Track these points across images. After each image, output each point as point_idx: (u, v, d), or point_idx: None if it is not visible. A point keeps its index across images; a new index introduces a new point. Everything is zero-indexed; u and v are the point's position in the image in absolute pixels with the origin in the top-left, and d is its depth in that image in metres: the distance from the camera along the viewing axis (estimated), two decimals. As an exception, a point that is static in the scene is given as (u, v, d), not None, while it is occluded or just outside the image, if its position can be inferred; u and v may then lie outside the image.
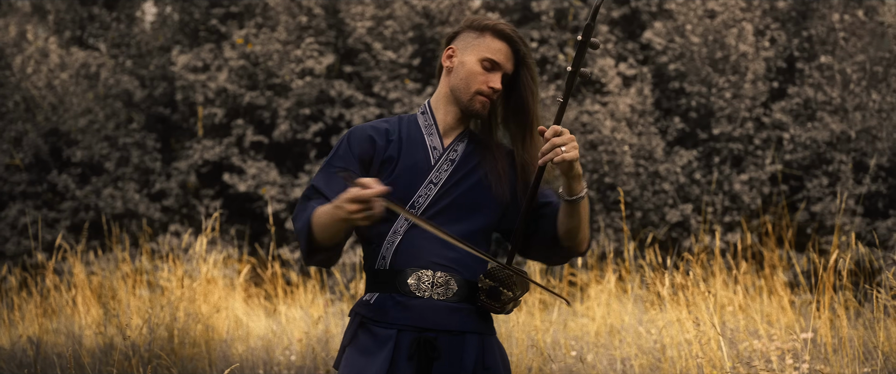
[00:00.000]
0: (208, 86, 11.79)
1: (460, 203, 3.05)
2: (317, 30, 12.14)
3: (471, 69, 3.04)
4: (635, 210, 10.49)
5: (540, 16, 11.61)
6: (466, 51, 3.06)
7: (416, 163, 3.05)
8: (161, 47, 12.54)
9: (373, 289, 3.05)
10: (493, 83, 3.03)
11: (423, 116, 3.11)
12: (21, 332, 8.29)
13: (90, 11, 13.33)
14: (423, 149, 3.07)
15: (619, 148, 10.33)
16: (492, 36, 3.05)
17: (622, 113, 10.51)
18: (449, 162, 3.06)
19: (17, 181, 12.17)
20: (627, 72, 11.08)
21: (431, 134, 3.08)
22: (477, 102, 3.04)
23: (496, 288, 2.98)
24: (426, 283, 3.00)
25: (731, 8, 10.75)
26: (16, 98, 12.44)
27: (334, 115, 11.89)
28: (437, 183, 3.04)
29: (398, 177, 3.03)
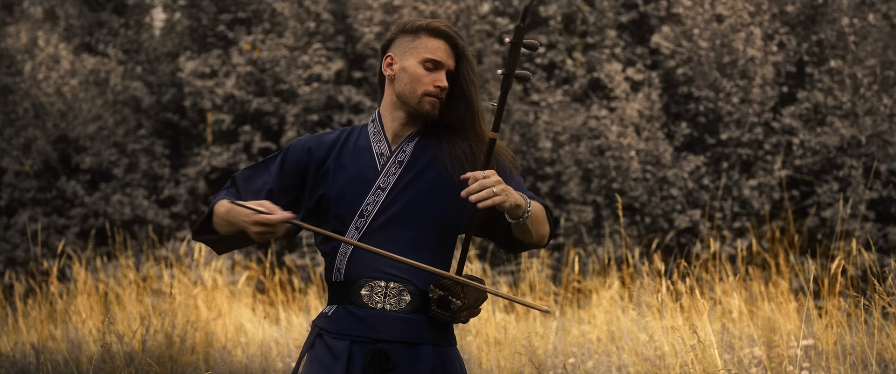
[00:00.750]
0: (216, 92, 11.87)
1: (412, 208, 3.02)
2: (325, 35, 12.20)
3: (414, 72, 3.03)
4: (644, 216, 10.49)
5: (547, 20, 11.63)
6: (406, 55, 3.05)
7: (361, 171, 3.03)
8: (169, 53, 12.62)
9: (331, 301, 3.06)
10: (439, 82, 3.02)
11: (373, 123, 3.10)
12: (25, 339, 8.36)
13: (99, 18, 13.43)
14: (368, 156, 3.06)
15: (626, 154, 10.33)
16: (428, 36, 3.05)
17: (629, 118, 10.51)
18: (397, 165, 3.04)
19: (27, 188, 12.27)
20: (635, 77, 11.08)
21: (379, 141, 3.07)
22: (426, 103, 3.02)
23: (445, 297, 2.95)
24: (379, 294, 2.99)
25: (739, 12, 10.73)
26: (25, 105, 12.54)
27: (343, 121, 11.93)
28: (386, 188, 3.02)
29: (344, 187, 3.02)
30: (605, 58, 11.20)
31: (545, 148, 10.54)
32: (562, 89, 11.14)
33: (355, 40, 12.21)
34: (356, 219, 2.99)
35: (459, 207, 3.02)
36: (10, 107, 12.67)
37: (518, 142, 10.66)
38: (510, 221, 2.93)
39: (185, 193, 12.02)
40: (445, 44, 3.05)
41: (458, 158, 3.03)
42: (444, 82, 3.02)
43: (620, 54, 11.35)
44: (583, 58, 11.26)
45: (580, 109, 10.91)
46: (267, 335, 8.15)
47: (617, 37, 11.43)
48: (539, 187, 10.70)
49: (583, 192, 10.48)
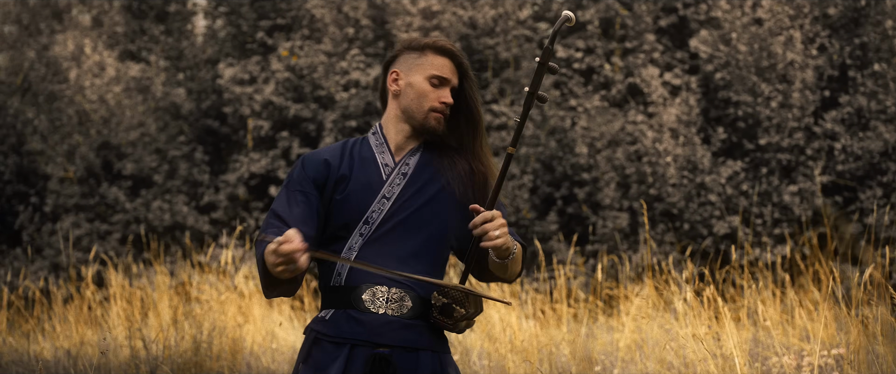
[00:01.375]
0: (255, 98, 11.96)
1: (417, 216, 3.11)
2: (364, 41, 12.25)
3: (421, 88, 3.13)
4: (682, 222, 10.41)
5: (585, 25, 11.59)
6: (411, 71, 3.15)
7: (368, 180, 3.12)
8: (208, 60, 12.74)
9: (328, 306, 3.11)
10: (444, 98, 3.13)
11: (375, 136, 3.19)
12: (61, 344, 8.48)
13: (142, 25, 13.60)
14: (374, 166, 3.14)
15: (663, 159, 10.26)
16: (433, 53, 3.16)
17: (667, 123, 10.45)
18: (401, 176, 3.13)
19: (70, 194, 12.44)
20: (673, 81, 11.01)
21: (383, 152, 3.16)
22: (432, 118, 3.13)
23: (449, 305, 3.04)
24: (381, 298, 3.05)
25: (779, 16, 10.63)
26: (69, 112, 12.73)
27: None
28: (391, 197, 3.10)
29: (351, 193, 3.10)
30: (640, 62, 11.15)
31: (582, 154, 10.51)
32: (599, 94, 11.09)
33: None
34: (361, 225, 3.08)
35: (457, 222, 3.15)
36: (56, 114, 12.86)
37: (554, 147, 10.64)
38: (495, 260, 3.05)
39: (224, 199, 12.12)
40: (450, 61, 3.17)
41: (459, 176, 3.15)
42: (450, 99, 3.14)
43: (659, 59, 11.28)
44: (621, 63, 11.21)
45: (618, 114, 10.86)
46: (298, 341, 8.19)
47: (656, 41, 11.37)
48: (575, 192, 10.67)
49: (619, 198, 10.43)
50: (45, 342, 8.94)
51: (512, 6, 11.80)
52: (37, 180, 12.91)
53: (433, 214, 3.13)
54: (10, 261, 12.40)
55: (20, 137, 13.00)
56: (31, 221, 12.66)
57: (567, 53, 11.35)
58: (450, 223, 3.14)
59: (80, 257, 11.85)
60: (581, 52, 11.42)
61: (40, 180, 12.87)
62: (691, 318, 6.63)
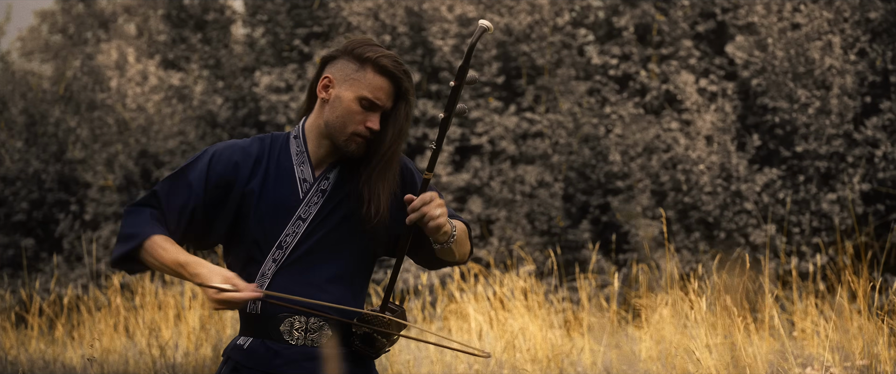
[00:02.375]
0: (290, 106, 12.07)
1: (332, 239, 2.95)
2: (401, 49, 12.31)
3: (348, 108, 2.90)
4: (718, 231, 10.34)
5: (621, 31, 11.56)
6: (344, 84, 2.92)
7: (283, 198, 2.93)
8: (245, 68, 12.88)
9: (246, 333, 2.98)
10: (371, 124, 2.90)
11: (296, 141, 2.99)
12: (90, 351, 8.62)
13: (181, 33, 13.77)
14: (291, 181, 2.95)
15: (696, 167, 10.20)
16: (373, 72, 2.90)
17: (702, 130, 10.38)
18: (320, 194, 2.95)
19: (109, 202, 12.63)
20: (709, 88, 10.94)
21: (303, 163, 2.97)
22: (353, 142, 2.92)
23: (370, 335, 2.93)
24: (299, 329, 2.93)
25: (817, 20, 10.52)
26: (109, 120, 12.93)
27: (418, 134, 12.02)
28: (307, 219, 2.92)
29: (265, 214, 2.92)
30: (673, 69, 11.09)
31: (616, 162, 10.48)
32: (633, 101, 11.05)
33: (432, 53, 12.31)
34: (274, 250, 2.91)
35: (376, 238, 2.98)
36: (97, 122, 13.07)
37: (588, 156, 10.61)
38: (436, 246, 2.91)
39: (262, 207, 12.23)
40: (389, 83, 2.91)
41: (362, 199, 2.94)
42: (377, 125, 2.90)
43: (695, 65, 11.22)
44: (657, 69, 11.16)
45: (653, 121, 10.82)
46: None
47: (693, 47, 11.30)
48: (609, 200, 10.63)
49: (653, 206, 10.38)
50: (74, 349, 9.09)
51: (549, 12, 11.80)
52: (78, 189, 13.12)
53: (351, 231, 2.95)
54: (52, 268, 12.61)
55: (62, 145, 13.22)
56: (71, 229, 12.87)
57: (602, 60, 11.32)
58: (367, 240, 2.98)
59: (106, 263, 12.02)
60: (616, 59, 11.38)
61: (81, 189, 13.08)
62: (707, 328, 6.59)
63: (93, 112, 13.22)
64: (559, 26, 11.85)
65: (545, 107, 11.35)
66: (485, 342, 7.37)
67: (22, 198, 13.09)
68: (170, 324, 8.82)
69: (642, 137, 10.47)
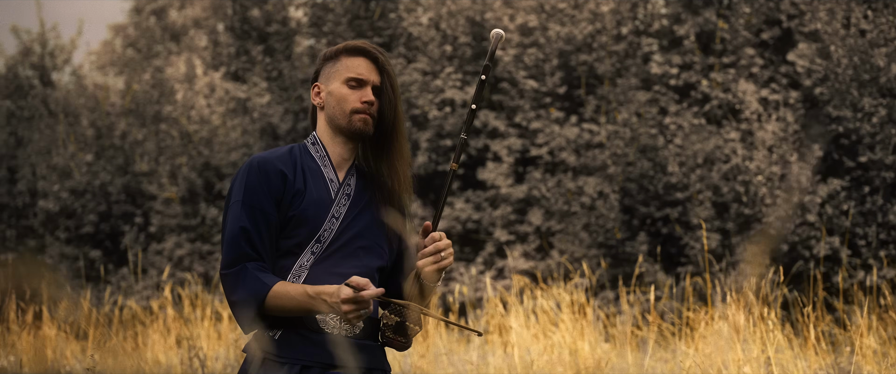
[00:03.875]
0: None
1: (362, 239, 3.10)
2: (462, 59, 12.39)
3: (339, 94, 3.09)
4: (780, 243, 10.21)
5: (682, 40, 11.50)
6: (330, 80, 3.13)
7: (320, 196, 3.08)
8: (305, 80, 13.05)
9: (276, 325, 3.06)
10: (365, 97, 3.07)
11: (315, 147, 3.15)
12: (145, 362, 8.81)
13: (244, 46, 14.01)
14: (323, 181, 3.11)
15: (756, 178, 10.10)
16: (347, 56, 3.12)
17: (762, 140, 10.28)
18: (346, 197, 3.11)
19: (173, 214, 12.89)
20: (771, 97, 10.82)
21: (326, 166, 3.13)
22: (357, 120, 3.07)
23: (403, 323, 3.03)
24: (333, 318, 3.04)
25: (882, 26, 10.35)
26: (173, 133, 13.20)
27: (479, 145, 12.08)
28: (339, 217, 3.08)
29: (306, 209, 3.07)
30: (731, 78, 11.00)
31: (674, 173, 10.42)
32: (692, 111, 10.98)
33: (494, 64, 12.37)
34: (314, 243, 3.06)
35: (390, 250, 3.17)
36: (162, 135, 13.36)
37: (646, 167, 10.57)
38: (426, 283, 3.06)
39: (323, 219, 12.38)
40: (366, 60, 3.11)
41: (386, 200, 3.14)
42: (371, 96, 3.08)
43: (759, 74, 11.10)
44: (720, 78, 11.07)
45: (714, 131, 10.74)
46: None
47: (756, 55, 11.19)
48: (668, 212, 10.57)
49: (713, 218, 10.29)
50: (131, 359, 9.29)
51: (610, 21, 11.78)
52: (143, 201, 13.41)
53: (374, 239, 3.12)
54: (118, 280, 12.90)
55: (128, 157, 13.53)
56: (136, 240, 13.15)
57: (662, 70, 11.27)
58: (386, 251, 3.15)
59: (180, 276, 12.26)
60: (676, 68, 11.31)
61: (146, 201, 13.36)
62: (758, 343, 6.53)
63: (158, 125, 13.51)
64: (622, 35, 11.83)
65: (605, 117, 11.33)
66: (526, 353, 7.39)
67: (90, 210, 13.42)
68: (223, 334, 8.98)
69: (702, 148, 10.39)
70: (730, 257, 10.15)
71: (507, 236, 11.40)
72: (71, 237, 13.54)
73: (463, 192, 12.08)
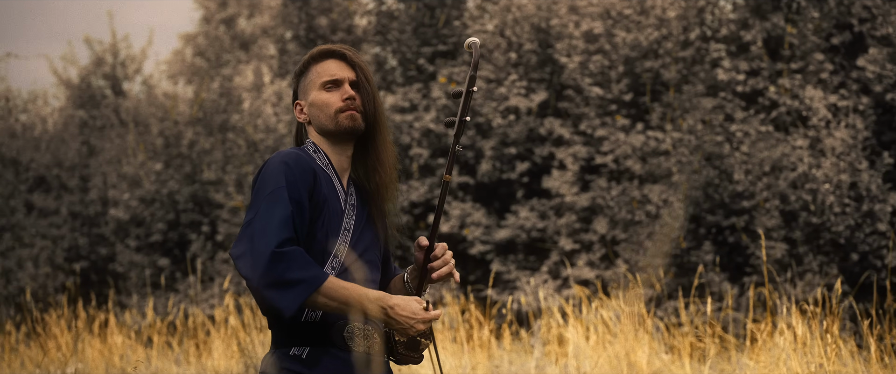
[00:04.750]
0: (414, 126, 12.29)
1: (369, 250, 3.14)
2: (527, 66, 12.41)
3: (320, 100, 3.10)
4: (850, 253, 10.09)
5: (748, 46, 11.40)
6: (307, 93, 3.14)
7: (335, 207, 3.09)
8: (367, 89, 13.15)
9: (300, 343, 3.05)
10: (345, 94, 3.09)
11: (317, 154, 3.14)
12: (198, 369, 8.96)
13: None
14: (334, 190, 3.10)
15: (823, 186, 9.98)
16: (315, 63, 3.14)
17: (830, 147, 10.15)
18: (352, 208, 3.13)
19: (239, 223, 13.06)
20: (839, 103, 10.68)
21: (332, 175, 3.13)
22: (344, 118, 3.09)
23: (414, 339, 3.07)
24: (358, 335, 3.06)
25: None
26: (240, 142, 13.39)
27: (544, 153, 12.08)
28: (350, 230, 3.10)
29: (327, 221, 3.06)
30: (798, 83, 10.88)
31: (741, 181, 10.34)
32: (759, 118, 10.88)
33: (560, 71, 12.37)
34: (332, 258, 3.06)
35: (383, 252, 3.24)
36: (229, 143, 13.55)
37: (712, 175, 10.50)
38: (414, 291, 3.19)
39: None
40: (335, 60, 3.13)
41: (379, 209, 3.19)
42: (350, 92, 3.09)
43: (828, 80, 10.97)
44: (788, 84, 10.96)
45: (781, 138, 10.63)
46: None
47: (826, 61, 11.06)
48: (734, 221, 10.48)
49: (779, 226, 10.19)
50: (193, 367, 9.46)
51: (677, 27, 11.73)
52: (210, 210, 13.61)
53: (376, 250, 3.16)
54: (185, 288, 13.10)
55: (195, 166, 13.73)
56: (203, 249, 13.35)
57: (728, 76, 11.19)
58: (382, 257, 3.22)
59: (244, 285, 12.42)
60: (743, 74, 11.22)
61: (213, 209, 13.55)
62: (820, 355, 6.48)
63: (225, 133, 13.70)
64: (689, 41, 11.76)
65: (671, 125, 11.28)
66: (582, 364, 7.39)
67: (159, 219, 13.64)
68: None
69: (769, 156, 10.30)
70: (796, 267, 10.04)
71: (571, 245, 11.40)
72: (140, 245, 13.77)
73: (527, 200, 12.10)
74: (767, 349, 7.59)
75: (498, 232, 11.79)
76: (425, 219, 12.44)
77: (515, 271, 11.56)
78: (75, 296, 13.18)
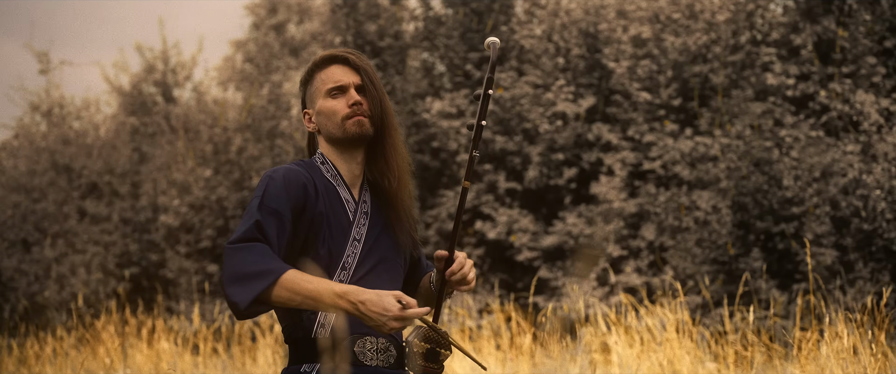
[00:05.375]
0: (462, 132, 12.31)
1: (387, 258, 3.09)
2: (575, 71, 12.40)
3: (327, 108, 3.06)
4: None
5: (798, 50, 11.32)
6: (314, 101, 3.10)
7: (340, 220, 3.04)
8: (416, 94, 13.21)
9: (311, 359, 3.00)
10: (351, 100, 3.05)
11: (325, 166, 3.10)
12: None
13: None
14: (340, 202, 3.06)
15: (874, 192, 9.88)
16: (319, 70, 3.10)
17: (882, 153, 10.05)
18: (364, 215, 3.08)
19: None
20: (892, 108, 10.57)
21: (340, 186, 3.09)
22: (351, 125, 3.05)
23: (434, 350, 3.02)
24: (371, 350, 3.01)
25: None
26: (288, 148, 13.48)
27: (592, 159, 12.07)
28: (360, 239, 3.05)
29: (328, 237, 3.01)
30: (849, 88, 10.77)
31: (790, 187, 10.26)
32: (809, 123, 10.79)
33: (608, 76, 12.35)
34: (339, 271, 3.01)
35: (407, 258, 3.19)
36: (277, 150, 13.66)
37: (761, 180, 10.44)
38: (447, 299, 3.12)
39: (434, 234, 12.51)
40: (338, 66, 3.09)
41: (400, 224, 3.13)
42: (357, 96, 3.05)
43: (880, 83, 10.85)
44: (839, 88, 10.86)
45: (832, 144, 10.54)
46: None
47: (879, 64, 10.95)
48: (783, 227, 10.40)
49: (829, 233, 10.10)
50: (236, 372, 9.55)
51: (726, 31, 11.67)
52: (258, 215, 13.70)
53: (396, 255, 3.12)
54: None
55: (244, 172, 13.85)
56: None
57: (778, 80, 11.11)
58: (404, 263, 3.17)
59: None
60: (793, 79, 11.14)
61: (262, 215, 13.64)
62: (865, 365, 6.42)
63: (274, 140, 13.80)
64: (739, 45, 11.70)
65: (720, 130, 11.22)
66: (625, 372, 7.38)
67: (208, 225, 13.77)
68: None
69: (820, 161, 10.21)
70: (846, 274, 9.95)
71: (619, 252, 11.37)
72: (190, 252, 13.91)
73: (575, 206, 12.08)
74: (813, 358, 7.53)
75: (545, 238, 11.79)
76: (473, 225, 12.47)
77: (562, 278, 11.56)
78: (125, 302, 13.34)
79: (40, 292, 14.36)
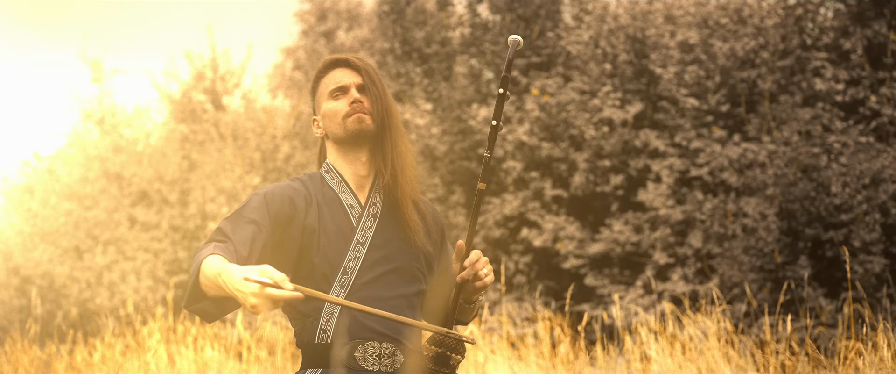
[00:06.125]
0: (507, 139, 12.35)
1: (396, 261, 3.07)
2: (622, 77, 12.39)
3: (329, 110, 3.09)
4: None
5: (848, 54, 11.23)
6: (320, 105, 3.13)
7: (339, 226, 3.03)
8: (461, 101, 13.26)
9: (313, 365, 3.01)
10: (351, 99, 3.06)
11: (329, 174, 3.12)
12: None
13: (405, 67, 14.31)
14: (340, 209, 3.05)
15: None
16: (323, 75, 3.14)
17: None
18: (372, 218, 3.07)
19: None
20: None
21: (344, 191, 3.08)
22: (351, 122, 3.06)
23: (444, 354, 2.99)
24: (373, 355, 3.00)
25: None
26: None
27: (639, 166, 12.05)
28: (365, 243, 3.04)
29: (325, 245, 3.01)
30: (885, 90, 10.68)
31: (838, 193, 10.19)
32: (858, 128, 10.70)
33: (656, 82, 12.32)
34: (340, 276, 3.00)
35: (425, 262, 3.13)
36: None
37: (809, 187, 10.37)
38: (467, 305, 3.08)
39: (481, 241, 12.55)
40: (340, 68, 3.11)
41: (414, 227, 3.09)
42: (356, 95, 3.06)
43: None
44: (890, 93, 10.77)
45: (882, 149, 10.45)
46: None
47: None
48: (831, 235, 10.32)
49: (879, 240, 10.01)
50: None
51: (774, 36, 11.61)
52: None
53: (408, 261, 3.08)
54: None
55: (291, 180, 13.96)
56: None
57: (827, 86, 11.04)
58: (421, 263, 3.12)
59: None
60: (843, 84, 11.06)
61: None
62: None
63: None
64: (789, 50, 11.63)
65: (768, 136, 11.16)
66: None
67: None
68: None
69: (870, 167, 10.13)
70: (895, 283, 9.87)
71: (666, 259, 11.34)
72: (238, 259, 14.03)
73: (622, 213, 12.07)
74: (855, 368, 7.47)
75: (591, 246, 11.78)
76: (519, 233, 12.50)
77: (609, 286, 11.55)
78: (171, 309, 13.49)
79: (92, 299, 14.55)
